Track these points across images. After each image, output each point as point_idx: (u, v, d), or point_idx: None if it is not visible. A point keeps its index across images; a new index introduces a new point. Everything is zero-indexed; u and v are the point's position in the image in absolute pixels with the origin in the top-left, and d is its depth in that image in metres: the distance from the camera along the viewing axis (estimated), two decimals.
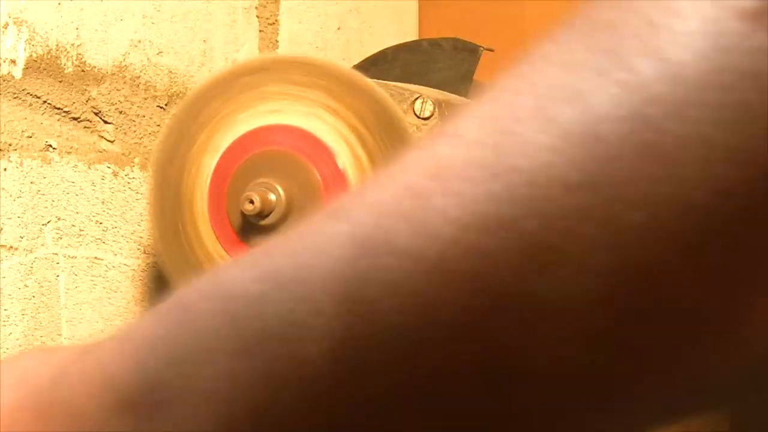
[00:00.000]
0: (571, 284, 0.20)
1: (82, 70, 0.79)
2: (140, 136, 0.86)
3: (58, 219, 0.79)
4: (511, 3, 1.24)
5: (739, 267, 0.20)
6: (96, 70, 0.81)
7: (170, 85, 0.89)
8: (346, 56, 1.17)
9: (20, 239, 0.75)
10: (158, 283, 0.89)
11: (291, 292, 0.22)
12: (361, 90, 0.65)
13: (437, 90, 0.82)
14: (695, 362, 0.21)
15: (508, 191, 0.20)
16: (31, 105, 0.76)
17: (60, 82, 0.78)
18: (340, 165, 0.66)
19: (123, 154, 0.85)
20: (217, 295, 0.23)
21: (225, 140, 0.68)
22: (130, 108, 0.85)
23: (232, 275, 0.24)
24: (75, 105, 0.79)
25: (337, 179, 0.66)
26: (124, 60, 0.84)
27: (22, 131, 0.75)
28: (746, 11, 0.20)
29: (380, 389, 0.22)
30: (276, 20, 1.04)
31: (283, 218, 0.66)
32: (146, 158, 0.87)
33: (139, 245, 0.87)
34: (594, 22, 0.21)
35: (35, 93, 0.76)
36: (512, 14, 1.23)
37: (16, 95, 0.74)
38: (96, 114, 0.82)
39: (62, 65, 0.78)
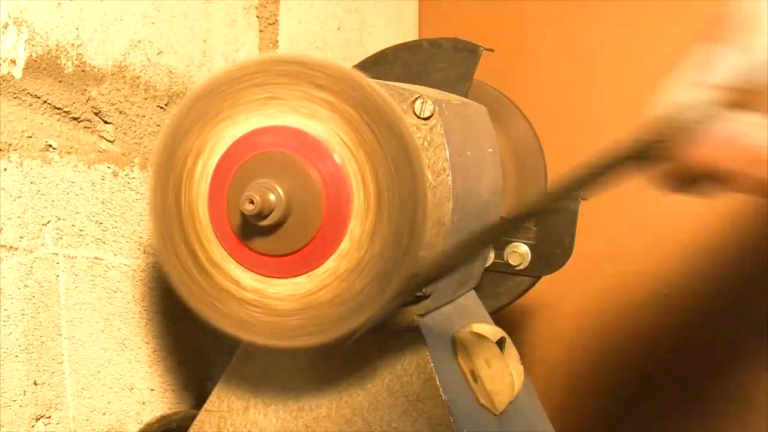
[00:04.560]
0: None
1: (82, 70, 0.80)
2: (140, 136, 0.86)
3: (58, 219, 0.79)
4: (511, 3, 1.24)
5: None
6: (96, 70, 0.81)
7: (170, 85, 0.89)
8: (346, 56, 1.17)
9: (20, 239, 0.75)
10: (158, 283, 0.89)
11: None
12: (360, 89, 0.65)
13: (437, 90, 0.82)
14: None
15: None
16: (31, 105, 0.76)
17: (60, 82, 0.78)
18: (340, 165, 0.66)
19: (123, 154, 0.85)
20: None
21: (225, 140, 0.68)
22: (130, 108, 0.85)
23: None
24: (75, 105, 0.79)
25: (336, 179, 0.66)
26: (124, 60, 0.84)
27: (22, 131, 0.75)
28: None
29: None
30: (276, 20, 1.04)
31: (283, 218, 0.66)
32: (146, 158, 0.87)
33: (139, 245, 0.87)
34: None
35: (35, 93, 0.76)
36: (512, 14, 1.23)
37: (16, 95, 0.74)
38: (96, 114, 0.82)
39: (62, 65, 0.78)
